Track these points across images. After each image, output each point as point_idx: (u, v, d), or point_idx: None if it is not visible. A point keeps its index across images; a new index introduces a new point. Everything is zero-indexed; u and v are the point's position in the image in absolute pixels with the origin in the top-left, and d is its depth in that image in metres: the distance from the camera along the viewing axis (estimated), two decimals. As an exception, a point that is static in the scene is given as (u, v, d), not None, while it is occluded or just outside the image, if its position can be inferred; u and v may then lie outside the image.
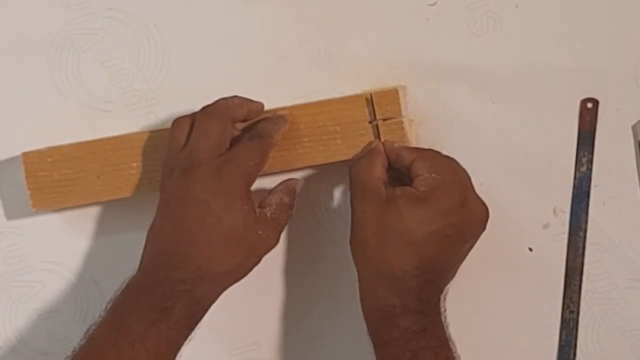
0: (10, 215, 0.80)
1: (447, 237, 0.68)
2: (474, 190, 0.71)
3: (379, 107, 0.73)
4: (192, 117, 0.71)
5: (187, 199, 0.68)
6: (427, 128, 0.77)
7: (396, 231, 0.68)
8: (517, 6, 0.76)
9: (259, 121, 0.72)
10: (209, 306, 0.70)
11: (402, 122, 0.73)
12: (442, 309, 0.70)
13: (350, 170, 0.72)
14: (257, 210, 0.70)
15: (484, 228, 0.71)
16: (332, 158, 0.74)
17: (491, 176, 0.76)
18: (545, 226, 0.77)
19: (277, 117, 0.73)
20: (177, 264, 0.68)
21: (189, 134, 0.71)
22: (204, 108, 0.71)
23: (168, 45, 0.78)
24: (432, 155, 0.72)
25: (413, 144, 0.75)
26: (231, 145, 0.70)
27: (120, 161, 0.75)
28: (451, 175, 0.70)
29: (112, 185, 0.76)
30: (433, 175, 0.69)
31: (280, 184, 0.73)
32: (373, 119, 0.73)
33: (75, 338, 0.72)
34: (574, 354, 0.76)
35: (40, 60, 0.79)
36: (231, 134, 0.71)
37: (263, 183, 0.74)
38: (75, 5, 0.79)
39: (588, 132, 0.76)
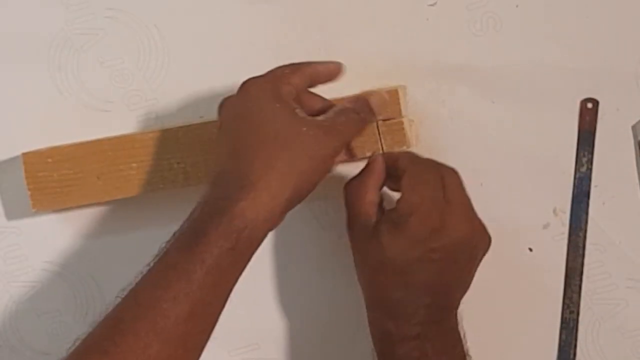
0: (10, 215, 0.80)
1: (434, 262, 0.66)
2: (465, 206, 0.69)
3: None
4: None
5: (222, 122, 0.67)
6: (427, 128, 0.77)
7: (381, 261, 0.67)
8: (517, 6, 0.76)
9: None
10: (263, 222, 0.64)
11: (402, 122, 0.73)
12: (456, 325, 0.69)
13: (344, 191, 0.70)
14: (301, 112, 0.66)
15: (477, 245, 0.69)
16: (332, 158, 0.74)
17: (491, 176, 0.76)
18: (545, 226, 0.77)
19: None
20: (221, 182, 0.64)
21: None
22: None
23: (168, 45, 0.79)
24: (421, 171, 0.69)
25: (413, 144, 0.75)
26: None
27: (120, 161, 0.75)
28: (432, 195, 0.67)
29: (112, 185, 0.76)
30: (413, 197, 0.67)
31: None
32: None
33: (75, 338, 0.71)
34: (574, 354, 0.76)
35: (40, 60, 0.79)
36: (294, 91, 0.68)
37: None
38: (75, 5, 0.79)
39: (588, 132, 0.76)
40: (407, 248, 0.66)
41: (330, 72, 0.71)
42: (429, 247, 0.66)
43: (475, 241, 0.69)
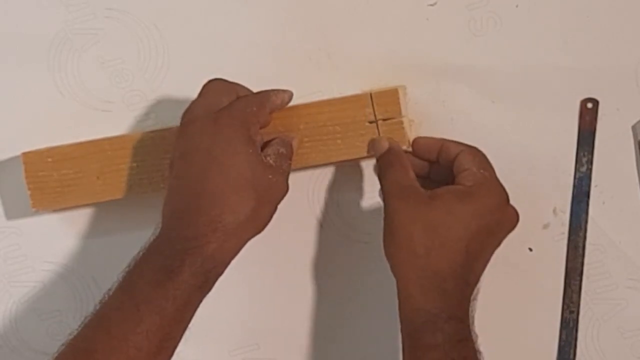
0: (10, 215, 0.80)
1: (490, 234, 0.68)
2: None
3: (379, 107, 0.73)
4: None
5: (189, 152, 0.68)
6: (427, 128, 0.77)
7: (445, 227, 0.67)
8: (517, 6, 0.76)
9: None
10: (228, 262, 0.67)
11: (402, 122, 0.73)
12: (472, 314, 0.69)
13: (380, 173, 0.71)
14: (264, 157, 0.69)
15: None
16: (332, 158, 0.74)
17: (491, 176, 0.76)
18: (545, 226, 0.77)
19: (280, 89, 0.73)
20: (189, 220, 0.66)
21: None
22: (212, 78, 0.71)
23: (168, 45, 0.79)
24: (477, 152, 0.71)
25: (413, 144, 0.76)
26: None
27: (120, 161, 0.75)
28: (494, 174, 0.70)
29: (112, 185, 0.76)
30: (481, 171, 0.69)
31: (275, 138, 0.72)
32: (373, 119, 0.73)
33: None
34: (574, 354, 0.76)
35: (40, 60, 0.79)
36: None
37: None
38: (75, 5, 0.79)
39: (588, 132, 0.76)
40: (476, 214, 0.67)
41: (284, 102, 0.72)
42: (493, 218, 0.68)
43: (512, 229, 0.71)
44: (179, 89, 0.78)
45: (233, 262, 0.68)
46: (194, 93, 0.72)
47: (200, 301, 0.67)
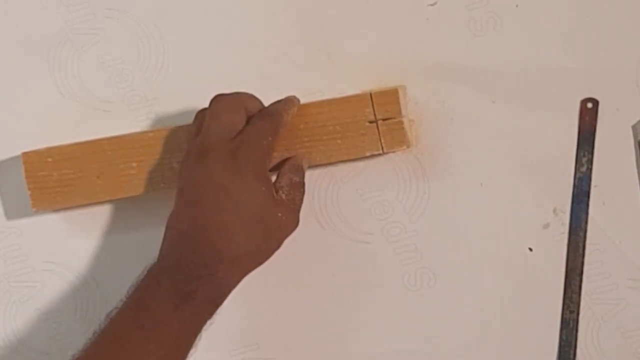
0: (10, 215, 0.80)
1: None
2: None
3: (379, 107, 0.73)
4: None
5: (204, 183, 0.68)
6: (427, 128, 0.77)
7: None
8: (517, 6, 0.76)
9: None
10: (230, 291, 0.69)
11: (402, 122, 0.73)
12: None
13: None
14: (275, 192, 0.70)
15: None
16: (332, 158, 0.74)
17: (491, 176, 0.76)
18: (545, 226, 0.77)
19: (286, 98, 0.73)
20: (197, 248, 0.67)
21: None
22: (217, 95, 0.71)
23: (168, 45, 0.79)
24: None
25: (413, 144, 0.76)
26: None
27: (120, 161, 0.75)
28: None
29: (112, 185, 0.76)
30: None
31: (285, 164, 0.73)
32: (373, 119, 0.73)
33: (75, 338, 0.71)
34: (574, 354, 0.76)
35: (40, 60, 0.79)
36: (243, 122, 0.70)
37: (263, 183, 0.74)
38: (75, 5, 0.79)
39: (588, 132, 0.76)
40: None
41: (294, 114, 0.73)
42: None
43: None
44: (179, 89, 0.78)
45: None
46: (194, 93, 0.72)
47: (205, 327, 0.68)
